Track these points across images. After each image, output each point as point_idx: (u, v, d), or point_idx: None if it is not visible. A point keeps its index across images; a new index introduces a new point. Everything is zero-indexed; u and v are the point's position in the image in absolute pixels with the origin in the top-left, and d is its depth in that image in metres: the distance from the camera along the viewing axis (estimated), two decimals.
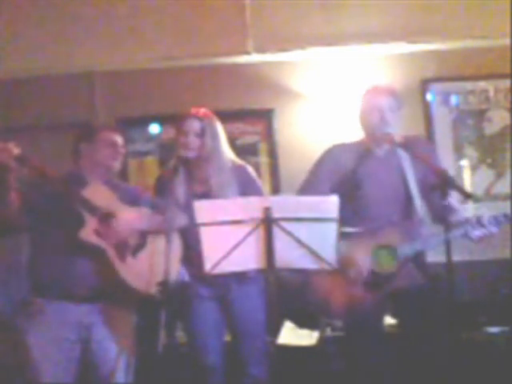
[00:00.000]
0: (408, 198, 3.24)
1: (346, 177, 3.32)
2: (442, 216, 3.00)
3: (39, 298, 3.09)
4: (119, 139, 3.28)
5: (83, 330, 3.09)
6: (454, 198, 3.17)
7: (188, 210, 3.19)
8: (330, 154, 3.43)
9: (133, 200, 3.26)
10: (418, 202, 3.23)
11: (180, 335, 4.12)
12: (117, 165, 3.26)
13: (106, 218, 3.07)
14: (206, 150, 3.42)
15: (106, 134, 3.27)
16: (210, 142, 3.43)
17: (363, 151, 3.34)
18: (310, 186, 3.37)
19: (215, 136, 3.46)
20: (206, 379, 3.42)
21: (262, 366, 3.41)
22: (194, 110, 3.48)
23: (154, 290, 3.08)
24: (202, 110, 3.49)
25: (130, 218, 3.14)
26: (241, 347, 3.46)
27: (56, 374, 3.04)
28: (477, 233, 3.12)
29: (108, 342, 3.12)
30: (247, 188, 3.44)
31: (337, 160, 3.38)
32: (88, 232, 3.02)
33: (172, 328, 4.12)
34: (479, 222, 3.12)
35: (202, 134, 3.42)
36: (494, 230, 3.13)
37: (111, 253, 3.06)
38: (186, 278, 3.34)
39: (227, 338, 3.58)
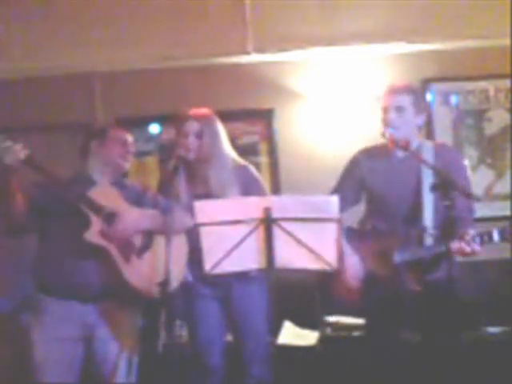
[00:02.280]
0: (417, 205, 3.20)
1: (366, 179, 3.32)
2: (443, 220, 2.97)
3: (44, 296, 3.10)
4: (129, 138, 3.29)
5: (87, 329, 3.09)
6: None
7: (189, 210, 3.19)
8: (353, 161, 3.42)
9: (138, 199, 3.26)
10: (428, 210, 3.16)
11: (180, 335, 4.12)
12: (126, 165, 3.27)
13: (110, 218, 3.07)
14: (206, 150, 3.41)
15: (117, 133, 3.28)
16: (209, 143, 3.41)
17: (385, 153, 3.31)
18: (336, 192, 3.31)
19: (215, 136, 3.45)
20: (207, 379, 3.42)
21: (265, 367, 3.40)
22: (193, 111, 3.47)
23: (155, 290, 3.08)
24: (202, 111, 3.48)
25: (133, 217, 3.13)
26: (243, 347, 3.45)
27: (58, 372, 3.04)
28: (456, 246, 3.00)
29: (111, 342, 3.12)
30: (250, 188, 3.43)
31: (360, 166, 3.36)
32: (93, 233, 3.02)
33: (171, 328, 4.12)
34: (462, 237, 3.01)
35: (201, 135, 3.41)
36: (476, 248, 3.01)
37: (115, 253, 3.05)
38: (189, 277, 3.34)
39: (229, 338, 3.58)
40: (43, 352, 3.04)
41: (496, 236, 3.02)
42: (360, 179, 3.35)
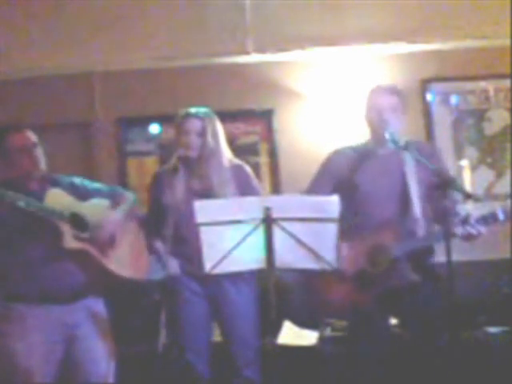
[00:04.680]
0: (406, 198, 3.23)
1: (347, 177, 3.33)
2: (442, 217, 3.00)
3: (18, 304, 3.00)
4: (28, 138, 3.09)
5: (67, 330, 3.04)
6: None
7: (187, 206, 3.20)
8: (332, 157, 3.43)
9: (81, 192, 3.19)
10: (416, 202, 3.20)
11: None
12: (40, 167, 3.09)
13: (77, 221, 3.03)
14: (207, 148, 3.42)
15: (11, 142, 3.05)
16: (210, 141, 3.43)
17: (365, 151, 3.34)
18: (313, 189, 3.38)
19: (215, 135, 3.47)
20: (192, 380, 3.42)
21: (255, 367, 3.40)
22: (194, 109, 3.48)
23: (140, 274, 3.09)
24: (203, 109, 3.49)
25: (114, 225, 3.12)
26: (233, 348, 3.45)
27: (43, 375, 2.98)
28: (461, 230, 3.05)
29: (93, 341, 3.08)
30: (245, 187, 3.45)
31: (339, 162, 3.38)
32: (68, 239, 2.98)
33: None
34: (466, 220, 3.07)
35: (202, 133, 3.42)
36: (481, 229, 3.06)
37: (94, 251, 3.04)
38: (177, 270, 3.35)
39: (219, 338, 3.57)
40: (26, 358, 2.96)
41: (501, 215, 3.05)
42: (336, 179, 3.35)
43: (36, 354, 2.97)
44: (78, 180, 3.29)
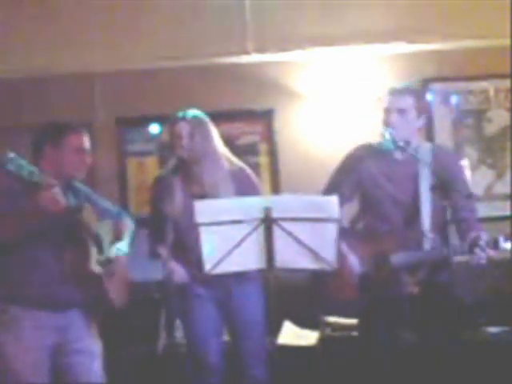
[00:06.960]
0: (415, 208, 3.18)
1: (363, 177, 3.30)
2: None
3: (13, 305, 2.97)
4: (87, 144, 3.07)
5: (59, 335, 3.01)
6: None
7: (186, 210, 3.19)
8: (351, 157, 3.39)
9: (96, 210, 3.15)
10: (426, 214, 3.14)
11: (180, 335, 4.12)
12: (82, 175, 3.08)
13: (97, 241, 3.00)
14: (197, 151, 3.40)
15: (74, 139, 3.03)
16: (200, 143, 3.40)
17: (381, 152, 3.29)
18: (331, 187, 3.35)
19: (206, 137, 3.43)
20: (205, 379, 3.42)
21: (262, 367, 3.41)
22: (182, 113, 3.46)
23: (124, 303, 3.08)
24: (192, 112, 3.46)
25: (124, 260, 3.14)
26: (241, 348, 3.45)
27: (33, 380, 2.95)
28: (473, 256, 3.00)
29: (85, 346, 3.06)
30: (245, 189, 3.42)
31: (358, 163, 3.34)
32: (94, 261, 2.95)
33: (172, 328, 4.13)
34: (475, 243, 2.97)
35: (191, 136, 3.40)
36: (491, 253, 3.00)
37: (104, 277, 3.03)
38: (185, 279, 3.34)
39: (227, 338, 3.58)
40: (18, 361, 2.94)
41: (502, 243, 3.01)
42: (357, 176, 3.32)
43: (28, 357, 2.94)
44: (94, 195, 3.25)
